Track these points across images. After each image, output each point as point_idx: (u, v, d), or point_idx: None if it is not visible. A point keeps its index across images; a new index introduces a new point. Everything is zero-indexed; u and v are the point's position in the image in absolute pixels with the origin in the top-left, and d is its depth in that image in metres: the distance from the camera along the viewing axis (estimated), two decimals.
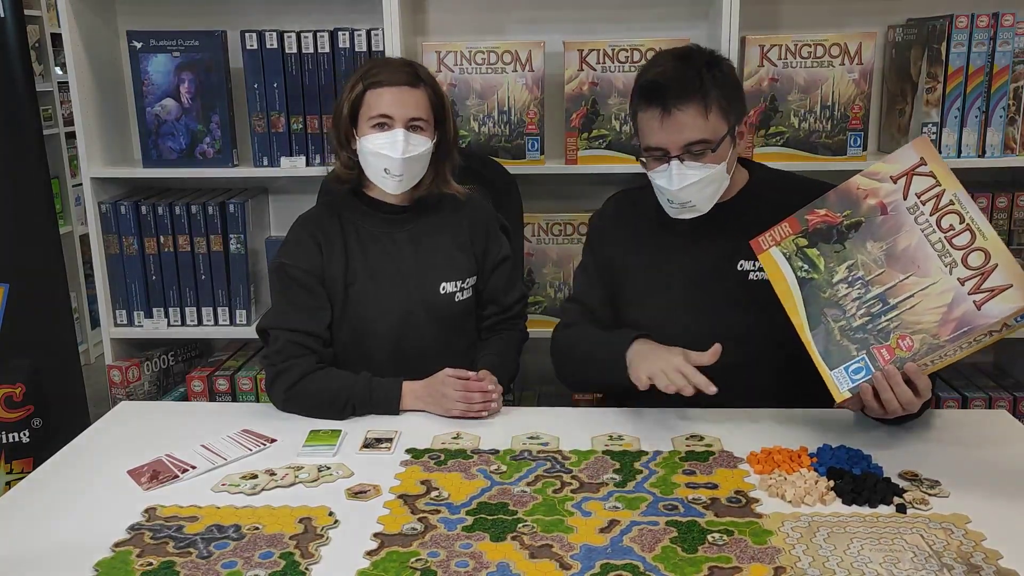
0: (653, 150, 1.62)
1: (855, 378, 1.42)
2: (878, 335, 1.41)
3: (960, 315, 1.33)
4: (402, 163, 1.73)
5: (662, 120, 1.58)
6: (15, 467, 2.37)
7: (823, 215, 1.49)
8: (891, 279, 1.41)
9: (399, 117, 1.73)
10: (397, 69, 1.76)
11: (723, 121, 1.60)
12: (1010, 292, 1.30)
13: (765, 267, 1.54)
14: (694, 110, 1.56)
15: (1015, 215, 2.30)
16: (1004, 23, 2.19)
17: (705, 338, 1.65)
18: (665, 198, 1.65)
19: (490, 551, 1.21)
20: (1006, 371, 2.57)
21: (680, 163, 1.59)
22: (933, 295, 1.36)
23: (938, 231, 1.38)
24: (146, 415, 1.78)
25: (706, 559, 1.18)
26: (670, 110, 1.57)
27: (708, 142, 1.58)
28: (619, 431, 1.59)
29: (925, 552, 1.18)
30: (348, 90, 1.78)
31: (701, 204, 1.64)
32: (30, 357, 2.36)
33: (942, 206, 1.38)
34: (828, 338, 1.45)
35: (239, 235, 2.42)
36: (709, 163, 1.59)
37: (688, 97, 1.56)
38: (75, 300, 3.99)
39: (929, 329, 1.36)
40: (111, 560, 1.21)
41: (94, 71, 2.44)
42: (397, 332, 1.82)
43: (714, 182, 1.62)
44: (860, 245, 1.45)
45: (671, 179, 1.60)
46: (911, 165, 1.43)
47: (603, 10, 2.47)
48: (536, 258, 2.45)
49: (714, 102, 1.57)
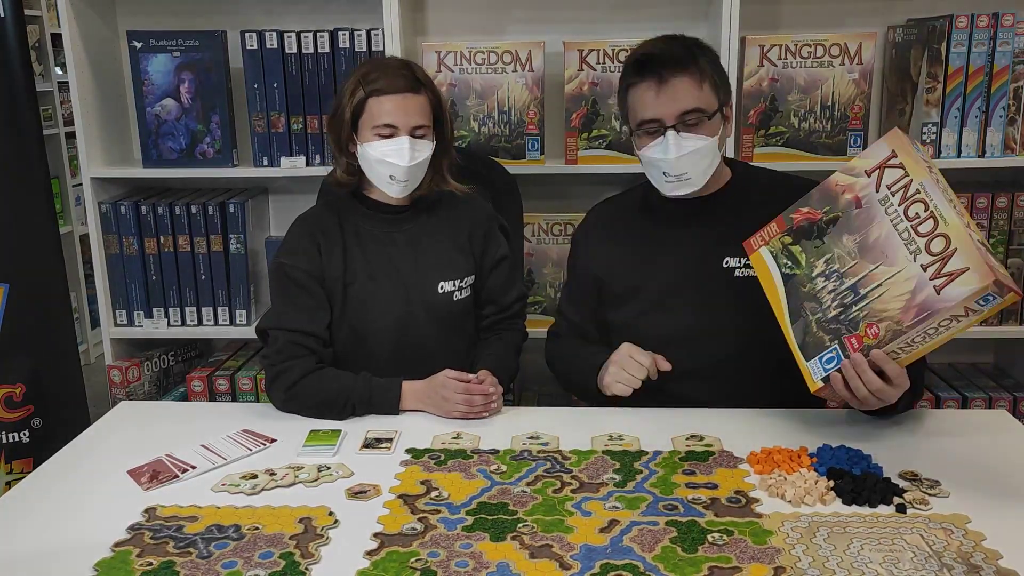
0: (647, 123, 1.63)
1: (827, 367, 1.43)
2: (849, 325, 1.42)
3: (921, 300, 1.34)
4: (408, 170, 1.74)
5: (658, 90, 1.60)
6: (15, 467, 2.37)
7: (806, 213, 1.51)
8: (863, 270, 1.42)
9: (403, 125, 1.73)
10: (397, 74, 1.75)
11: (714, 96, 1.63)
12: (967, 275, 1.30)
13: (755, 267, 1.57)
14: (689, 79, 1.60)
15: (1015, 215, 2.30)
16: (1004, 23, 2.18)
17: (691, 336, 1.67)
18: (660, 172, 1.65)
19: (490, 551, 1.21)
20: (1006, 371, 2.57)
21: (676, 133, 1.60)
22: (899, 282, 1.37)
23: (905, 220, 1.39)
24: (146, 415, 1.78)
25: (706, 559, 1.18)
26: (666, 79, 1.60)
27: (703, 111, 1.60)
28: (619, 431, 1.59)
29: (925, 552, 1.18)
30: (348, 95, 1.76)
31: (696, 178, 1.64)
32: (30, 357, 2.36)
33: (910, 196, 1.40)
34: (806, 330, 1.47)
35: (239, 235, 2.42)
36: (704, 135, 1.61)
37: (683, 66, 1.60)
38: (75, 300, 4.00)
39: (894, 316, 1.37)
40: (111, 560, 1.21)
41: (94, 71, 2.44)
42: (396, 332, 1.82)
43: (708, 155, 1.63)
44: (837, 239, 1.46)
45: (667, 148, 1.61)
46: (884, 158, 1.45)
47: (603, 10, 2.47)
48: (536, 258, 2.45)
49: (707, 75, 1.62)
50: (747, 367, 1.68)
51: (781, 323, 1.50)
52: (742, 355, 1.67)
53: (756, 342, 1.62)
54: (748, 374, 1.68)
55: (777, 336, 1.49)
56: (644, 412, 1.66)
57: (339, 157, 1.82)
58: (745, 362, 1.67)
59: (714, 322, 1.68)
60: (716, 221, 1.70)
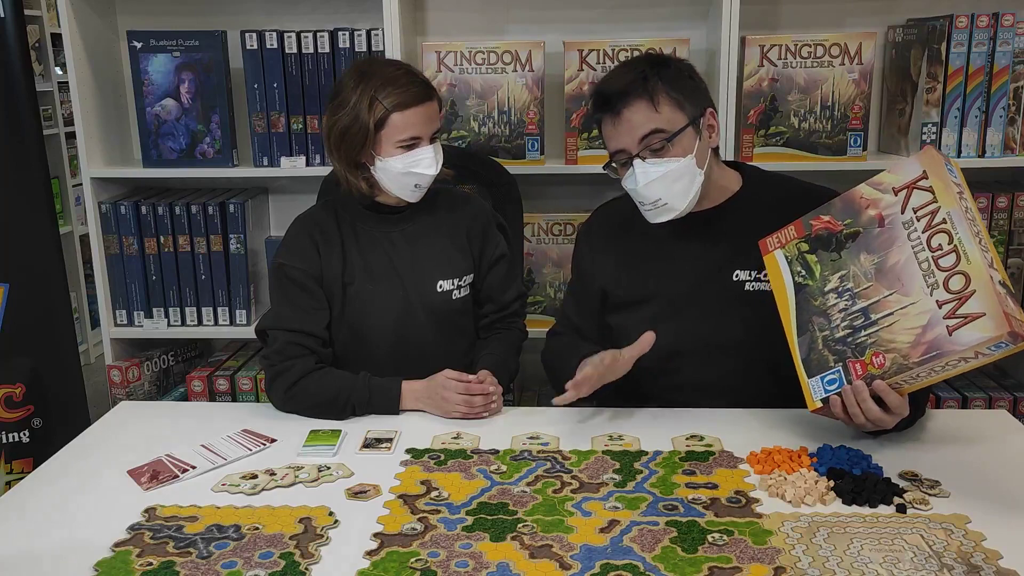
0: (617, 155, 1.64)
1: (828, 389, 1.42)
2: (855, 349, 1.40)
3: (932, 339, 1.31)
4: (432, 177, 1.75)
5: (615, 123, 1.61)
6: (15, 467, 2.37)
7: (826, 221, 1.48)
8: (876, 294, 1.39)
9: (426, 134, 1.73)
10: (409, 83, 1.71)
11: (679, 113, 1.59)
12: (982, 321, 1.26)
13: (768, 268, 1.54)
14: (641, 105, 1.58)
15: (1015, 215, 2.30)
16: (1004, 23, 2.18)
17: (696, 348, 1.65)
18: (638, 201, 1.65)
19: (490, 551, 1.21)
20: (1006, 371, 2.57)
21: (642, 161, 1.59)
22: (911, 315, 1.34)
23: (927, 249, 1.35)
24: (146, 415, 1.78)
25: (706, 559, 1.18)
26: (619, 110, 1.59)
27: (662, 131, 1.58)
28: (619, 431, 1.59)
29: (925, 552, 1.18)
30: (366, 111, 1.68)
31: (674, 202, 1.62)
32: (30, 357, 2.36)
33: (935, 224, 1.35)
34: (811, 346, 1.45)
35: (239, 235, 2.42)
36: (672, 157, 1.59)
37: (634, 94, 1.58)
38: (75, 300, 4.00)
39: (901, 349, 1.35)
40: (111, 560, 1.21)
41: (94, 71, 2.44)
42: (396, 331, 1.82)
43: (683, 176, 1.60)
44: (855, 256, 1.43)
45: (635, 178, 1.60)
46: (914, 178, 1.39)
47: (603, 10, 2.47)
48: (536, 258, 2.45)
49: (662, 95, 1.59)
50: (752, 379, 1.66)
51: (787, 331, 1.48)
52: (748, 368, 1.65)
53: (764, 356, 1.59)
54: (753, 385, 1.66)
55: (784, 353, 1.48)
56: (644, 412, 1.66)
57: (353, 173, 1.76)
58: (751, 375, 1.65)
59: (720, 334, 1.66)
60: (726, 232, 1.67)
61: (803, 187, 1.74)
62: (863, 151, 2.30)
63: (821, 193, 1.61)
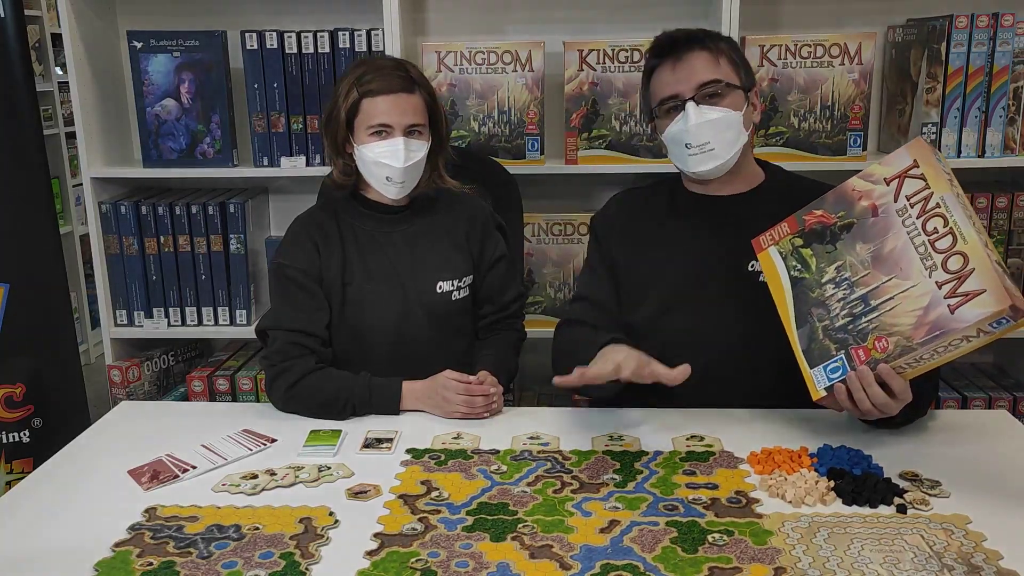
0: (667, 100, 1.65)
1: (832, 377, 1.42)
2: (857, 336, 1.41)
3: (934, 319, 1.32)
4: (404, 171, 1.74)
5: (674, 67, 1.63)
6: (15, 467, 2.37)
7: (819, 215, 1.49)
8: (875, 280, 1.40)
9: (398, 125, 1.73)
10: (391, 74, 1.75)
11: (734, 74, 1.64)
12: (983, 297, 1.28)
13: (763, 266, 1.55)
14: (705, 55, 1.63)
15: (1015, 215, 2.30)
16: (1004, 23, 2.18)
17: (709, 339, 1.64)
18: (683, 144, 1.63)
19: (490, 551, 1.21)
20: (1006, 371, 2.57)
21: (695, 104, 1.61)
22: (912, 297, 1.35)
23: (923, 234, 1.37)
24: (146, 415, 1.78)
25: (706, 559, 1.18)
26: (681, 56, 1.63)
27: (721, 82, 1.62)
28: (619, 431, 1.59)
29: (925, 553, 1.18)
30: (343, 97, 1.76)
31: (720, 149, 1.63)
32: (30, 357, 2.36)
33: (929, 209, 1.37)
34: (811, 337, 1.46)
35: (239, 235, 2.42)
36: (725, 107, 1.62)
37: (698, 44, 1.64)
38: (75, 300, 3.99)
39: (904, 331, 1.36)
40: (111, 560, 1.21)
41: (94, 71, 2.44)
42: (395, 331, 1.82)
43: (732, 127, 1.62)
44: (850, 246, 1.44)
45: (687, 118, 1.61)
46: (904, 167, 1.42)
47: (603, 10, 2.47)
48: (536, 258, 2.45)
49: (723, 53, 1.64)
50: (765, 370, 1.64)
51: (786, 325, 1.48)
52: (762, 359, 1.62)
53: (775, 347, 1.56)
54: (765, 378, 1.64)
55: (789, 347, 1.48)
56: (644, 412, 1.66)
57: (335, 159, 1.82)
58: (764, 365, 1.63)
59: (735, 325, 1.65)
60: (742, 223, 1.65)
61: (818, 186, 1.73)
62: (863, 151, 2.30)
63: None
